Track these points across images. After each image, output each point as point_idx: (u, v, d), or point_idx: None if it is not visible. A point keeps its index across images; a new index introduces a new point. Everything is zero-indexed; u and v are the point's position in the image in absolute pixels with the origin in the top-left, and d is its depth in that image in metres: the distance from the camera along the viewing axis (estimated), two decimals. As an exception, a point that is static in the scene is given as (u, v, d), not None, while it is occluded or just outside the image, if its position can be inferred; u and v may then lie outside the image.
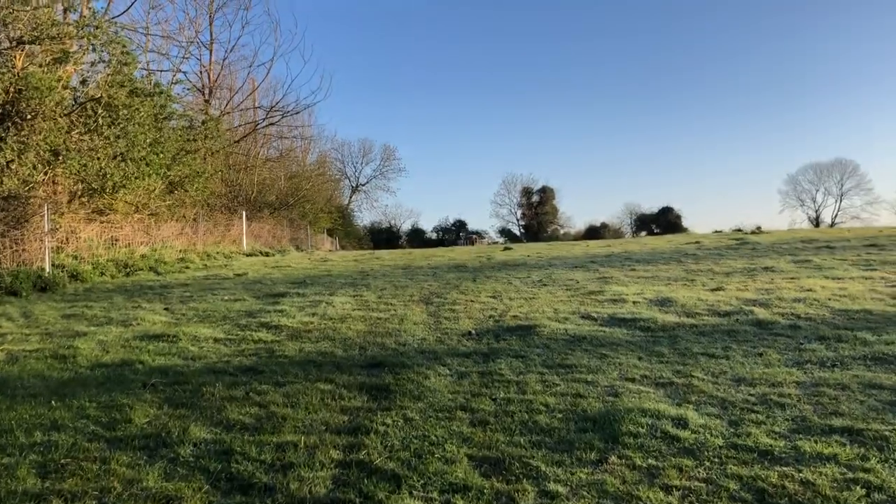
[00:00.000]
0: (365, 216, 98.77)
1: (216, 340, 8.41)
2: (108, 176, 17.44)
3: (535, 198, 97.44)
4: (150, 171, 18.26)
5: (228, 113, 33.38)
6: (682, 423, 5.05)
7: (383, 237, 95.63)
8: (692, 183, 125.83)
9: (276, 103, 32.17)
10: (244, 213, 29.63)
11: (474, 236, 66.21)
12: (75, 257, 16.67)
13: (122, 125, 17.38)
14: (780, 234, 23.44)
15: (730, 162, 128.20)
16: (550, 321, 8.80)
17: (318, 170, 51.47)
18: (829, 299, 9.59)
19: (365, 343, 8.01)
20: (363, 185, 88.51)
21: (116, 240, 20.17)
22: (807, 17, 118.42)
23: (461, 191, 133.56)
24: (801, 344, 7.31)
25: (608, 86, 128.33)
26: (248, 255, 26.40)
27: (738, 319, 8.57)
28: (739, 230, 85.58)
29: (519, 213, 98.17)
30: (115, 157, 17.77)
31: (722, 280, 12.04)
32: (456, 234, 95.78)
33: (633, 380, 6.24)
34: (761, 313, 8.82)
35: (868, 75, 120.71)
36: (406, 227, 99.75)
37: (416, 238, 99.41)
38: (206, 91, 32.46)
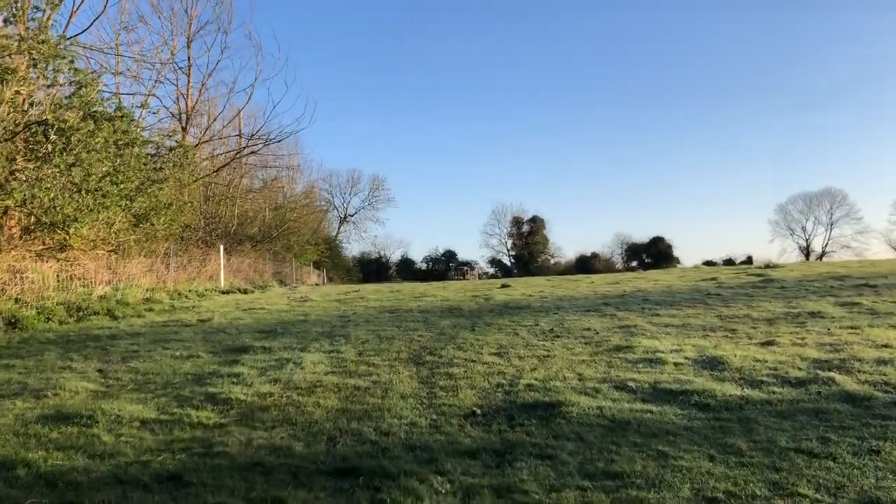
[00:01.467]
0: (354, 247, 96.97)
1: (143, 424, 6.42)
2: (59, 208, 15.51)
3: (525, 227, 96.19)
4: (109, 203, 16.31)
5: (207, 141, 31.52)
6: None
7: (373, 268, 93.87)
8: (681, 212, 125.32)
9: (258, 130, 30.30)
10: (222, 247, 27.68)
11: (465, 268, 64.33)
12: (17, 300, 14.65)
13: (75, 152, 15.48)
14: (799, 269, 21.64)
15: (718, 191, 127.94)
16: (577, 394, 6.86)
17: (305, 200, 49.62)
18: (923, 361, 7.71)
19: (335, 430, 6.03)
20: (352, 215, 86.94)
21: (75, 279, 18.24)
22: (795, 47, 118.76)
23: (450, 220, 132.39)
24: (926, 434, 5.41)
25: (596, 115, 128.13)
26: (223, 293, 24.40)
27: (819, 392, 6.65)
28: (731, 261, 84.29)
29: (509, 242, 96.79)
30: (68, 188, 15.86)
31: (768, 330, 10.14)
32: (446, 264, 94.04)
33: (716, 501, 4.32)
34: (845, 382, 6.92)
35: (856, 103, 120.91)
36: (396, 257, 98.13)
37: (406, 269, 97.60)
38: (184, 118, 30.63)
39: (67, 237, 16.37)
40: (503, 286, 19.69)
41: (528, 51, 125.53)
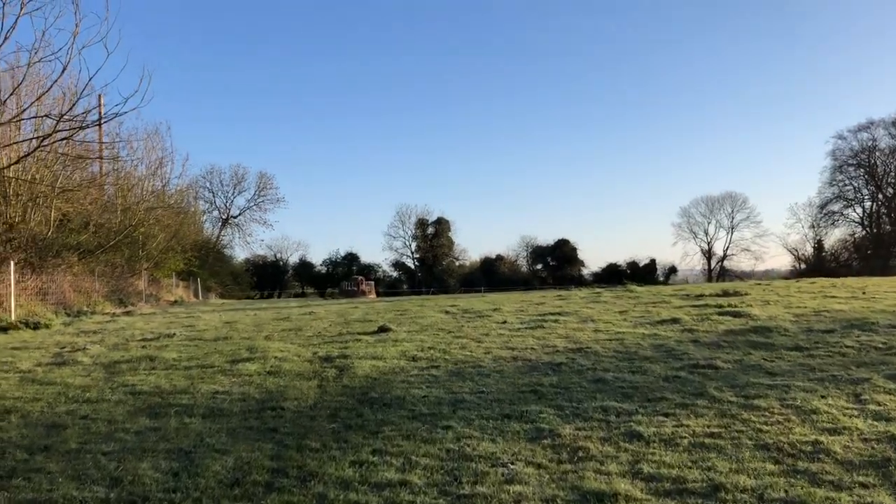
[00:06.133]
0: (239, 252, 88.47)
1: None
2: None
3: (430, 230, 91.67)
4: None
5: (8, 122, 24.05)
6: None
7: (268, 272, 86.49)
8: (584, 215, 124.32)
9: (67, 111, 23.08)
10: (13, 262, 20.52)
11: (361, 279, 57.88)
12: None
13: None
14: (770, 299, 16.54)
15: (621, 194, 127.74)
16: None
17: (171, 201, 42.12)
18: None
19: None
20: (235, 217, 78.83)
21: None
22: (697, 52, 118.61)
23: (353, 221, 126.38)
24: None
25: (500, 118, 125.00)
26: (3, 330, 17.48)
27: None
28: (635, 263, 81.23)
29: (413, 245, 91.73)
30: None
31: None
32: (348, 267, 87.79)
33: None
34: None
35: (756, 111, 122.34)
36: (294, 259, 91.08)
37: (305, 273, 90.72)
38: (-27, 91, 23.11)
39: None
40: (381, 330, 13.72)
41: (431, 48, 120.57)
